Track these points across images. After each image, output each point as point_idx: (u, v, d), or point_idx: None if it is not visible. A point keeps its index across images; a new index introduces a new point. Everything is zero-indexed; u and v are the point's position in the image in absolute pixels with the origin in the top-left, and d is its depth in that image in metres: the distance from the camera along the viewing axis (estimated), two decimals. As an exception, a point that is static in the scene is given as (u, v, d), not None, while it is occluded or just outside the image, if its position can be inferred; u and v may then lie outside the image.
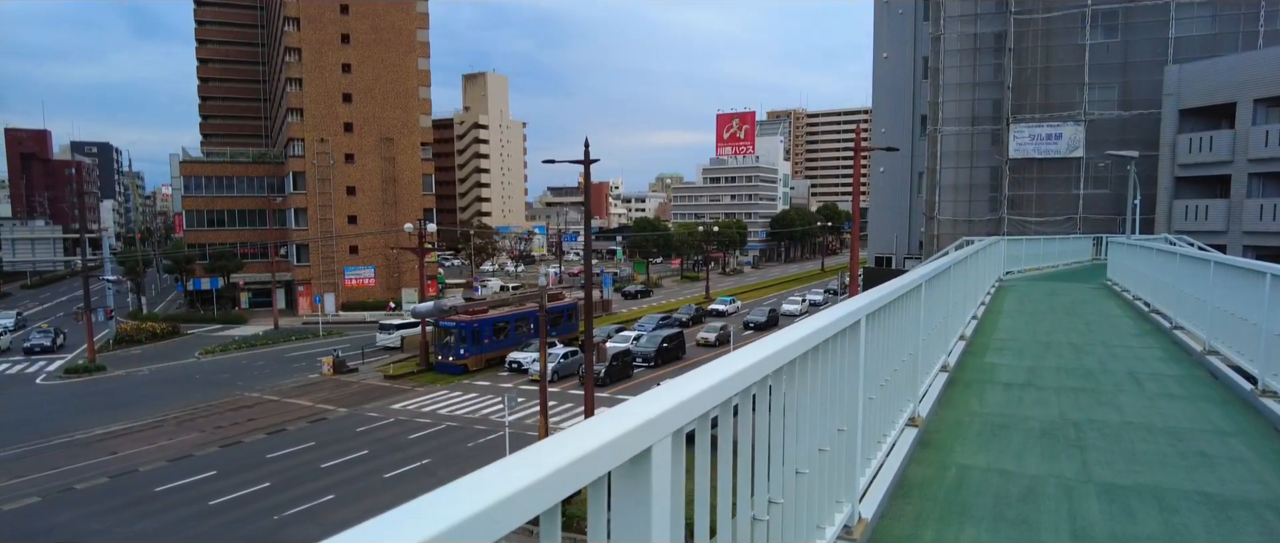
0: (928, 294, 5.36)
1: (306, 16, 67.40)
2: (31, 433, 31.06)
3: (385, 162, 70.76)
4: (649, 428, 1.38)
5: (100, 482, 25.41)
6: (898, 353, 4.46)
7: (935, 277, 5.60)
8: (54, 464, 27.17)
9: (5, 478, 25.79)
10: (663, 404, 1.44)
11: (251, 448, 28.80)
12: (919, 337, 5.05)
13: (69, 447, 29.33)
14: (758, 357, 1.94)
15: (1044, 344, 8.88)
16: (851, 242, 27.15)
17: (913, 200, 49.95)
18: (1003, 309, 12.20)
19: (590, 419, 1.32)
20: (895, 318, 4.33)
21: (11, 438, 30.29)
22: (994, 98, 42.63)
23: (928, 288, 5.25)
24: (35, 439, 30.30)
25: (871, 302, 3.60)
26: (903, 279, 4.66)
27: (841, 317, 3.09)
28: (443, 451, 27.78)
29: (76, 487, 24.94)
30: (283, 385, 40.01)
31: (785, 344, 2.14)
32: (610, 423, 1.31)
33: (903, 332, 4.52)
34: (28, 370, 44.65)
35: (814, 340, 2.57)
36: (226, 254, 64.85)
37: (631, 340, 45.14)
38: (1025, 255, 20.43)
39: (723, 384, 1.63)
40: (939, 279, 5.90)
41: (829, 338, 2.85)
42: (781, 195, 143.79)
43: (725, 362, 1.84)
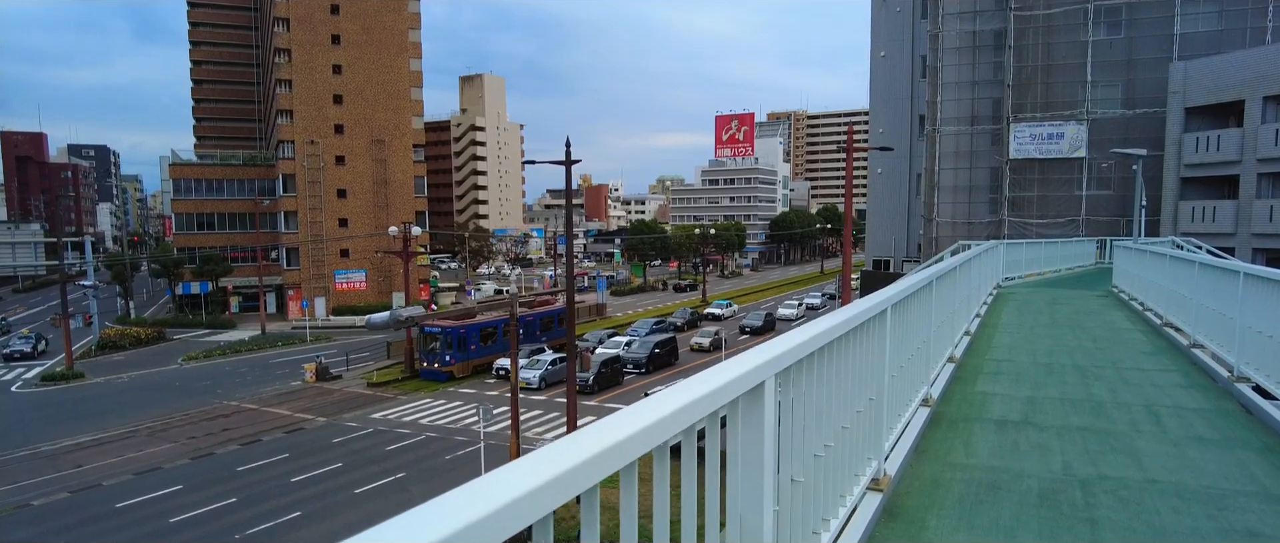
0: (897, 319, 4.28)
1: (296, 17, 66.39)
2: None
3: (377, 164, 69.73)
4: None
5: (60, 497, 24.35)
6: (853, 399, 3.39)
7: (906, 298, 4.52)
8: (14, 478, 26.13)
9: (-38, 493, 24.74)
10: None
11: (222, 460, 27.72)
12: (883, 376, 3.97)
13: (33, 459, 28.28)
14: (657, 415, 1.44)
15: (1045, 367, 7.78)
16: (844, 246, 26.05)
17: (911, 202, 48.88)
18: (1000, 322, 11.11)
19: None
20: (849, 356, 3.27)
21: (-25, 450, 29.25)
22: (994, 97, 41.55)
23: (895, 313, 4.17)
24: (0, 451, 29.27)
25: (800, 344, 2.54)
26: (863, 304, 3.58)
27: (749, 371, 2.10)
28: (419, 464, 26.69)
29: (34, 503, 23.88)
30: (263, 393, 38.95)
31: (707, 391, 1.71)
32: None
33: (857, 376, 3.44)
34: (5, 377, 43.64)
35: (711, 404, 1.77)
36: (215, 258, 63.81)
37: (623, 346, 44.01)
38: (1025, 260, 19.33)
39: None
40: (914, 299, 4.82)
41: (736, 397, 2.02)
42: (781, 197, 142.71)
43: None
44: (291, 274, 67.20)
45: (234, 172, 69.63)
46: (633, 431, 1.37)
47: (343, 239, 67.57)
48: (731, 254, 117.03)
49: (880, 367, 3.91)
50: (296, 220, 67.08)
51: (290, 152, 66.98)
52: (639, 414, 1.45)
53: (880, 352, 3.89)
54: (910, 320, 4.84)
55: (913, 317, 4.93)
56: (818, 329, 2.71)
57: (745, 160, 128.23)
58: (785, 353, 2.31)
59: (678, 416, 1.55)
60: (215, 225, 68.62)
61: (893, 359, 4.22)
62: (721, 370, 2.05)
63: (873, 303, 3.63)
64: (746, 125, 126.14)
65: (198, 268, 63.75)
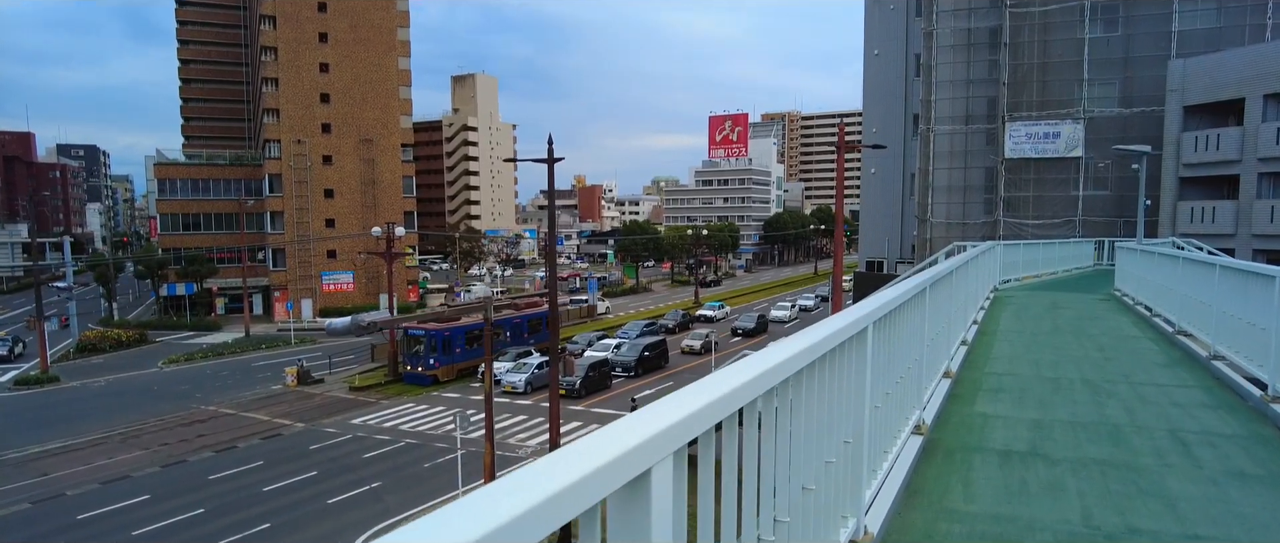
0: (882, 338, 3.49)
1: (283, 15, 65.45)
2: (-37, 452, 29.05)
3: (365, 163, 68.80)
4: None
5: (20, 508, 23.43)
6: (820, 449, 2.60)
7: (892, 311, 3.73)
8: (-23, 487, 25.19)
9: (-80, 503, 23.80)
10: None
11: (194, 468, 26.82)
12: (864, 411, 3.17)
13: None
14: None
15: (1051, 382, 6.99)
16: (835, 248, 25.27)
17: (905, 203, 48.14)
18: (998, 329, 10.32)
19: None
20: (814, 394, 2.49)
21: (-61, 457, 28.30)
22: (989, 95, 40.84)
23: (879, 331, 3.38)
24: (-35, 459, 28.31)
25: (725, 395, 1.75)
26: (834, 323, 2.79)
27: (627, 452, 1.30)
28: (397, 472, 25.83)
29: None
30: (243, 398, 38.01)
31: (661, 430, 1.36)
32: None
33: (825, 418, 2.65)
34: (-21, 381, 42.61)
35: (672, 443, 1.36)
36: (199, 259, 62.76)
37: (612, 349, 43.19)
38: (1022, 262, 18.58)
39: None
40: (903, 312, 4.03)
41: None
42: (775, 198, 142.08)
43: None
44: (278, 275, 66.24)
45: (220, 171, 68.62)
46: None
47: (329, 240, 66.56)
48: (725, 255, 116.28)
49: (859, 401, 3.11)
50: (283, 221, 66.14)
51: (277, 151, 66.04)
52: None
53: (858, 383, 3.09)
54: (899, 336, 4.06)
55: (902, 331, 4.15)
56: (759, 368, 1.91)
57: (739, 161, 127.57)
58: (696, 413, 1.50)
59: None
60: (201, 226, 67.59)
61: (876, 388, 3.43)
62: (594, 444, 1.26)
63: (847, 322, 2.83)
64: (740, 126, 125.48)
65: (182, 269, 62.71)
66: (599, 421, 31.98)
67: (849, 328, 2.79)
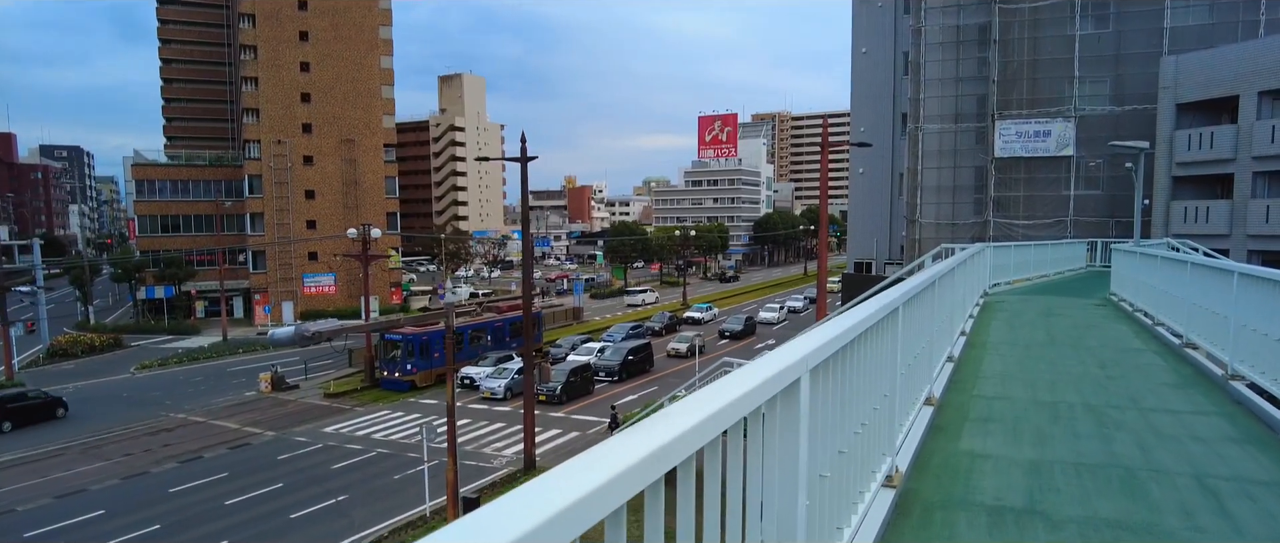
0: (829, 383, 2.61)
1: (262, 13, 64.29)
2: (-84, 463, 27.91)
3: (346, 164, 67.66)
4: None
5: (-31, 524, 22.34)
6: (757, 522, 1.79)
7: (850, 345, 2.86)
8: (-74, 502, 24.08)
9: None
10: None
11: (156, 480, 25.77)
12: (798, 485, 2.28)
13: (-50, 480, 26.20)
14: None
15: (1049, 408, 6.11)
16: (820, 249, 24.40)
17: (894, 203, 47.41)
18: (988, 340, 9.45)
19: None
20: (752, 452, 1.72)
21: (-110, 470, 27.14)
22: (978, 93, 40.11)
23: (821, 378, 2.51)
24: (-82, 471, 27.17)
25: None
26: (762, 369, 1.93)
27: None
28: (365, 484, 24.84)
29: (-61, 531, 21.86)
30: (215, 405, 36.93)
31: None
32: None
33: (769, 480, 1.81)
34: (-56, 389, 41.30)
35: None
36: (176, 261, 61.47)
37: (595, 353, 42.25)
38: (1013, 264, 17.76)
39: None
40: (865, 342, 3.15)
41: None
42: (765, 198, 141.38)
43: None
44: (258, 278, 65.04)
45: (199, 172, 67.38)
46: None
47: (309, 241, 65.35)
48: (714, 256, 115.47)
49: (790, 477, 2.21)
50: (263, 223, 64.95)
51: (257, 152, 64.87)
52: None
53: (788, 453, 2.20)
54: (860, 373, 3.17)
55: (864, 366, 3.26)
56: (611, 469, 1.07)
57: (728, 161, 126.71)
58: None
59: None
60: (180, 228, 66.33)
61: (820, 451, 2.54)
62: None
63: (766, 375, 1.94)
64: (729, 126, 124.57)
65: (159, 272, 61.41)
66: (580, 428, 31.10)
67: (766, 386, 1.91)
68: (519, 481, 23.89)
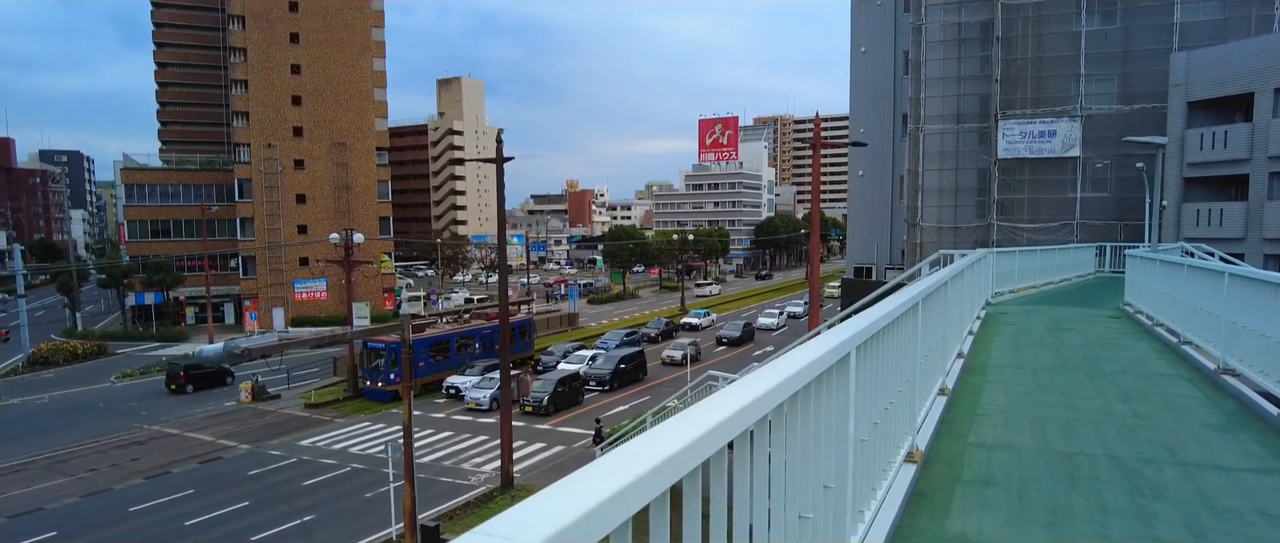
0: (789, 434, 1.51)
1: (252, 14, 63.32)
2: (-128, 479, 26.74)
3: (338, 168, 66.55)
4: None
5: (-86, 547, 21.17)
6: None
7: (805, 388, 1.88)
8: (-126, 522, 22.91)
9: None
10: None
11: (116, 499, 24.56)
12: None
13: (-97, 498, 25.02)
14: None
15: (1064, 463, 4.82)
16: (811, 253, 23.11)
17: (894, 206, 46.11)
18: (989, 364, 8.17)
19: None
20: None
21: None
22: (981, 93, 38.84)
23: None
24: (-128, 488, 26.00)
25: None
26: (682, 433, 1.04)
27: None
28: (334, 503, 23.60)
29: (-119, 555, 20.69)
30: (191, 416, 35.75)
31: None
32: None
33: None
34: (-83, 399, 40.21)
35: None
36: (164, 266, 60.35)
37: (587, 361, 40.98)
38: (1018, 271, 16.47)
39: None
40: (804, 408, 1.98)
41: None
42: (766, 202, 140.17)
43: None
44: (248, 284, 63.94)
45: (190, 176, 66.37)
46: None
47: (297, 246, 64.22)
48: (715, 260, 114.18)
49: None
50: (253, 227, 63.87)
51: (247, 155, 63.83)
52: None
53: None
54: (794, 451, 2.01)
55: (804, 438, 2.10)
56: None
57: (729, 165, 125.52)
58: None
59: None
60: (170, 233, 65.26)
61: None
62: None
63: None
64: (730, 129, 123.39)
65: (147, 278, 60.31)
66: (566, 440, 29.85)
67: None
68: (495, 501, 22.66)
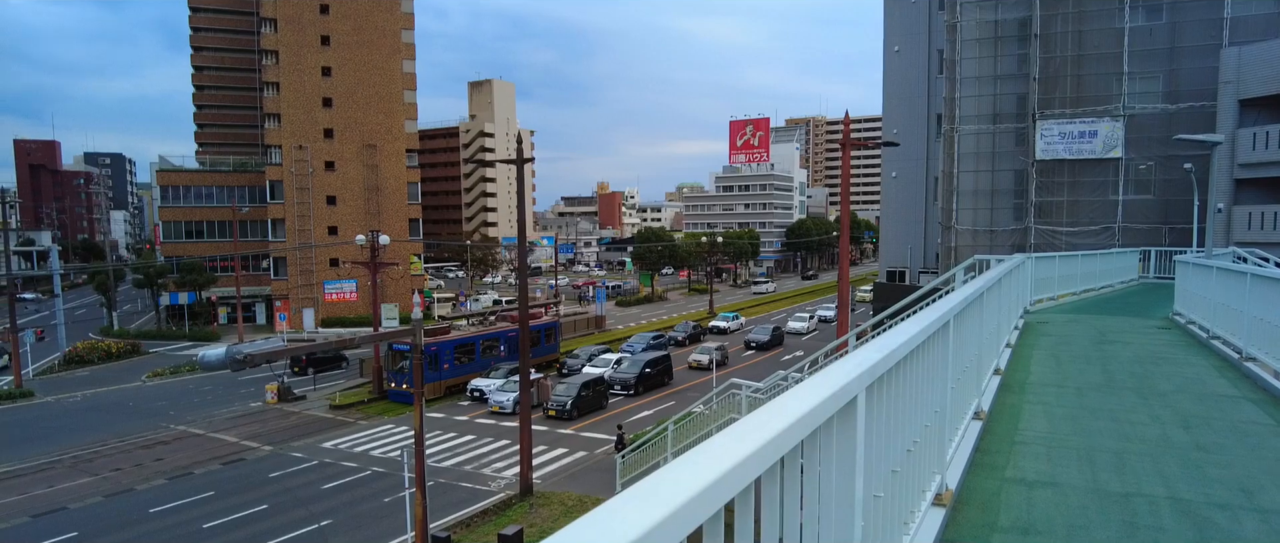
0: None
1: (284, 17, 63.84)
2: (-96, 476, 27.07)
3: (368, 169, 66.85)
4: None
5: (-62, 545, 21.25)
6: None
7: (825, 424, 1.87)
8: (-99, 519, 23.10)
9: None
10: None
11: (138, 500, 24.52)
12: None
13: (-68, 496, 25.24)
14: None
15: (1119, 506, 3.99)
16: (840, 257, 22.33)
17: (928, 208, 44.97)
18: (1028, 382, 7.44)
19: None
20: None
21: (-124, 483, 26.32)
22: (1018, 92, 37.67)
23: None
24: (-97, 485, 26.29)
25: None
26: None
27: None
28: (352, 507, 23.31)
29: (-96, 553, 20.79)
30: (217, 416, 35.89)
31: None
32: None
33: None
34: (-46, 396, 40.90)
35: None
36: (196, 267, 61.01)
37: (612, 365, 40.46)
38: (1058, 278, 15.62)
39: None
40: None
41: None
42: (798, 204, 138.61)
43: None
44: (279, 285, 64.45)
45: (223, 178, 67.08)
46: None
47: (328, 247, 64.59)
48: (745, 262, 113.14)
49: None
50: (284, 228, 64.40)
51: (279, 157, 64.37)
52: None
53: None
54: (819, 486, 1.68)
55: (827, 476, 1.72)
56: None
57: (760, 166, 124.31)
58: None
59: None
60: (204, 234, 66.05)
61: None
62: None
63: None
64: (761, 131, 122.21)
65: (180, 278, 61.03)
66: (589, 446, 29.34)
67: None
68: (514, 509, 22.21)
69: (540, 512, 21.58)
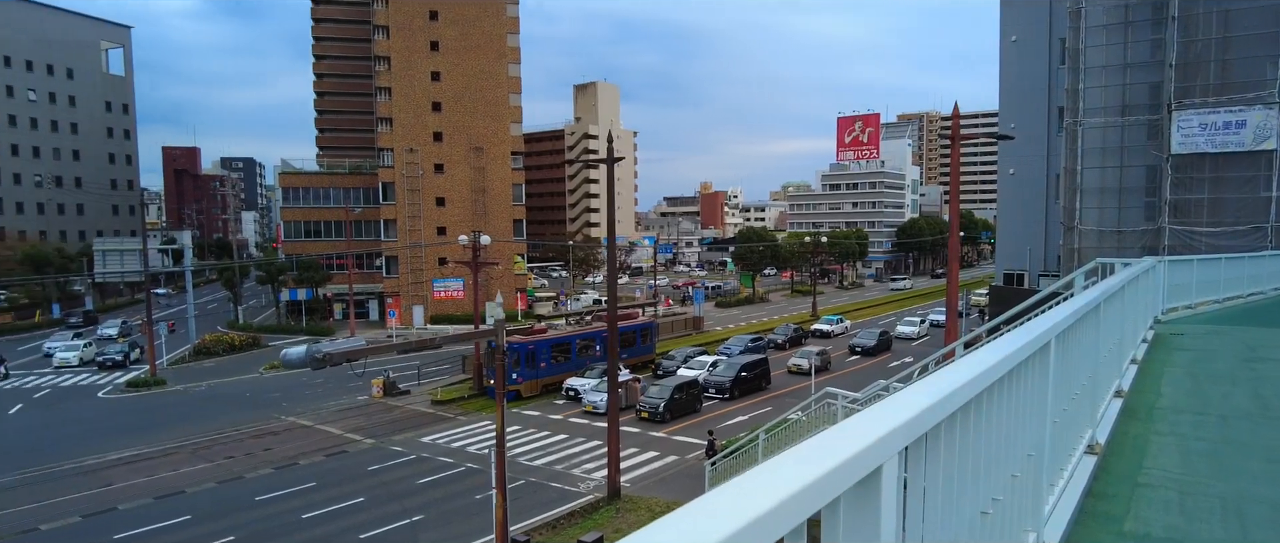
0: None
1: (395, 24, 66.18)
2: (49, 455, 29.31)
3: (475, 171, 68.54)
4: None
5: (71, 521, 22.77)
6: None
7: None
8: (43, 496, 24.91)
9: (-16, 512, 23.62)
10: None
11: (246, 487, 25.61)
12: None
13: (69, 475, 27.15)
14: None
15: None
16: (949, 260, 20.91)
17: (1049, 207, 42.07)
18: (1158, 407, 6.34)
19: None
20: None
21: (24, 462, 28.58)
22: (1151, 81, 34.62)
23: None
24: (48, 463, 28.44)
25: None
26: None
27: None
28: (445, 503, 23.57)
29: (41, 527, 22.33)
30: (325, 408, 37.35)
31: None
32: None
33: None
34: (100, 382, 44.24)
35: None
36: (313, 265, 64.04)
37: (708, 368, 39.73)
38: (1197, 283, 13.95)
39: None
40: None
41: None
42: (909, 202, 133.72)
43: None
44: (390, 282, 66.90)
45: (339, 180, 70.16)
46: None
47: (436, 246, 66.53)
48: (852, 263, 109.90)
49: None
50: (396, 228, 66.80)
51: (391, 160, 66.81)
52: None
53: None
54: None
55: None
56: None
57: (870, 163, 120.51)
58: None
59: None
60: (321, 233, 69.24)
61: None
62: None
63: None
64: (871, 127, 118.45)
65: (298, 275, 64.22)
66: (680, 450, 28.77)
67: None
68: (601, 512, 21.88)
69: (626, 517, 21.17)
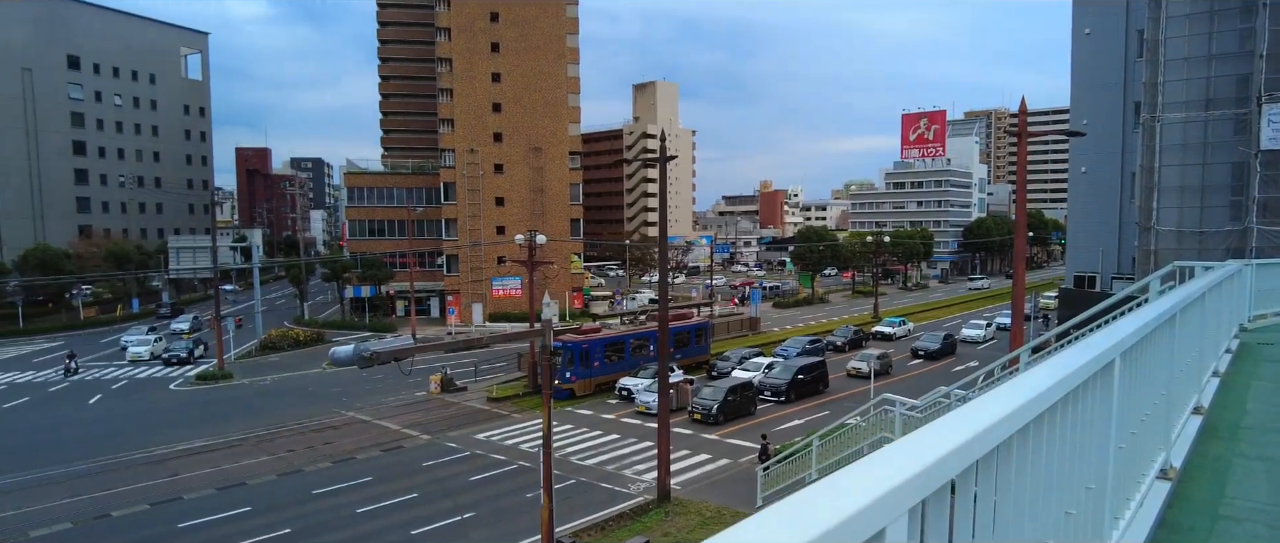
0: None
1: (457, 27, 67.08)
2: (121, 445, 30.46)
3: (534, 171, 69.03)
4: None
5: (139, 509, 23.55)
6: None
7: None
8: (115, 484, 25.87)
9: (60, 497, 24.62)
10: None
11: (304, 480, 26.13)
12: None
13: (140, 464, 28.17)
14: None
15: None
16: (1016, 261, 20.01)
17: (1124, 207, 40.23)
18: (1243, 426, 5.72)
19: None
20: None
21: (99, 450, 29.75)
22: (1238, 73, 32.78)
23: None
24: (120, 452, 29.58)
25: None
26: None
27: None
28: (496, 501, 23.63)
29: (113, 514, 23.15)
30: (384, 403, 37.97)
31: None
32: None
33: None
34: (172, 375, 45.89)
35: None
36: (376, 263, 65.39)
37: (763, 370, 39.11)
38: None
39: None
40: None
41: None
42: (976, 202, 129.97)
43: None
44: (451, 280, 67.87)
45: (402, 180, 71.49)
46: None
47: (495, 246, 67.22)
48: (916, 264, 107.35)
49: None
50: (456, 228, 67.75)
51: (452, 160, 67.77)
52: None
53: None
54: None
55: None
56: None
57: (935, 161, 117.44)
58: None
59: None
60: (384, 232, 70.63)
61: None
62: None
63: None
64: (936, 124, 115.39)
65: (362, 273, 65.65)
66: (733, 454, 28.32)
67: None
68: (650, 515, 21.62)
69: (675, 521, 20.87)
